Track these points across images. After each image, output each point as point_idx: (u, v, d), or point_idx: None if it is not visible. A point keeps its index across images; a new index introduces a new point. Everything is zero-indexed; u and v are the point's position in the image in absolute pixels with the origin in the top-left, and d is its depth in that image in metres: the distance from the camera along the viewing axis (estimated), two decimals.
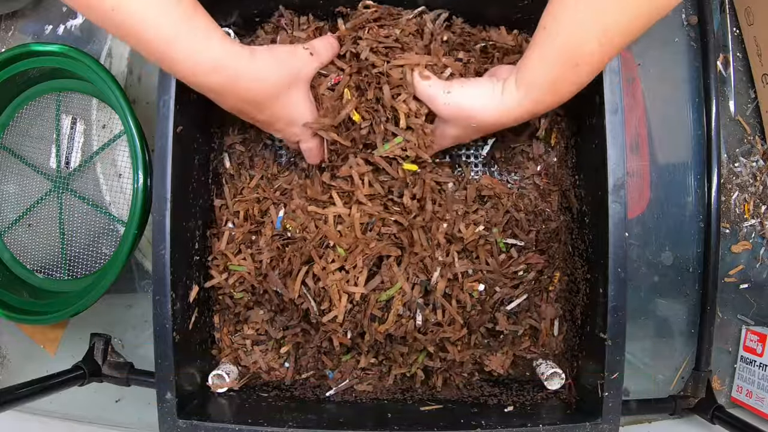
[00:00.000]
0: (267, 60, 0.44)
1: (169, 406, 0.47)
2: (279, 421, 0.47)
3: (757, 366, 0.65)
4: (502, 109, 0.45)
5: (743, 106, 0.68)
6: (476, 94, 0.46)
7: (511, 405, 0.51)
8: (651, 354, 0.68)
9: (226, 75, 0.41)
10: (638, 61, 0.67)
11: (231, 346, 0.56)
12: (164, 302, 0.47)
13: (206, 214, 0.55)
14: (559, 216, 0.56)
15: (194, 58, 0.40)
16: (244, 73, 0.42)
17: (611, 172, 0.46)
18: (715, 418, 0.62)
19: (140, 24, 0.37)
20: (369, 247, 0.49)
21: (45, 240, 0.68)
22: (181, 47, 0.39)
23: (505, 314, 0.55)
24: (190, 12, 0.39)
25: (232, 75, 0.42)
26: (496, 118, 0.45)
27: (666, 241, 0.67)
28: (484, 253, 0.53)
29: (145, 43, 0.39)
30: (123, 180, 0.67)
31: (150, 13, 0.37)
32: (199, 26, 0.40)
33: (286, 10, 0.53)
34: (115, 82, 0.59)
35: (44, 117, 0.68)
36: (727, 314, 0.69)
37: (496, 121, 0.46)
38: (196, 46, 0.40)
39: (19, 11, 0.71)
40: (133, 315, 0.70)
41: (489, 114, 0.45)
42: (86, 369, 0.64)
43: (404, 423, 0.48)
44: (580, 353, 0.53)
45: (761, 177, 0.68)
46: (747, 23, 0.66)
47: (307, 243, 0.50)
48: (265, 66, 0.44)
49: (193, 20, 0.39)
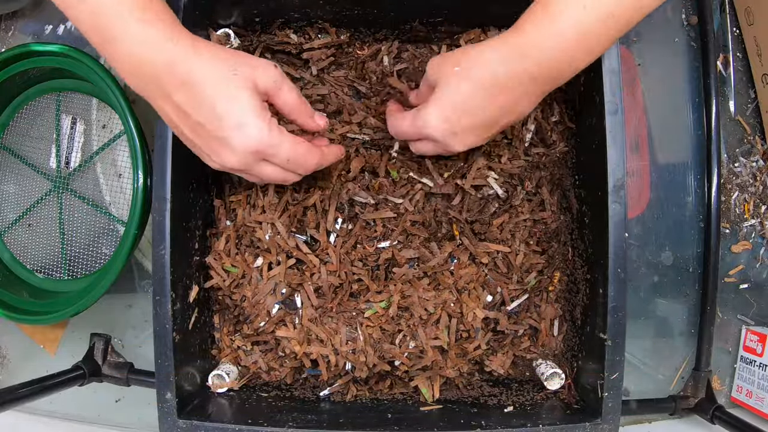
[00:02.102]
0: (204, 47, 0.40)
1: (169, 406, 0.47)
2: (279, 421, 0.47)
3: (757, 366, 0.65)
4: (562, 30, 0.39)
5: (743, 106, 0.68)
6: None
7: (511, 405, 0.51)
8: (651, 354, 0.68)
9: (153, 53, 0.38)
10: (638, 61, 0.67)
11: (231, 346, 0.56)
12: (164, 302, 0.47)
13: (206, 215, 0.55)
14: (559, 216, 0.56)
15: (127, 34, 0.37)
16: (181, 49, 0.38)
17: (611, 172, 0.46)
18: (715, 418, 0.62)
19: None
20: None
21: (45, 240, 0.68)
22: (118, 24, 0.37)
23: (506, 314, 0.55)
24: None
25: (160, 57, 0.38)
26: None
27: (666, 241, 0.67)
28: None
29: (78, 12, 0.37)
30: (123, 180, 0.67)
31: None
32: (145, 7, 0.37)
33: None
34: (115, 82, 0.59)
35: (44, 117, 0.68)
36: (727, 314, 0.69)
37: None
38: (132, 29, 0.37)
39: (19, 11, 0.71)
40: (133, 315, 0.70)
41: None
42: (86, 369, 0.64)
43: (404, 423, 0.48)
44: (580, 353, 0.53)
45: (761, 177, 0.68)
46: (747, 23, 0.66)
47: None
48: (204, 53, 0.39)
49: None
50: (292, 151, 0.43)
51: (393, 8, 0.51)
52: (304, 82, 0.56)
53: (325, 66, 0.56)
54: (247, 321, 0.56)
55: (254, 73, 0.41)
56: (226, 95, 0.39)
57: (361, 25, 0.54)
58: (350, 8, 0.51)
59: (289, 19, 0.53)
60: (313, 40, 0.55)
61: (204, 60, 0.39)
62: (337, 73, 0.56)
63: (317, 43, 0.54)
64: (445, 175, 0.55)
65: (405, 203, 0.55)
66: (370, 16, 0.52)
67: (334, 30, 0.54)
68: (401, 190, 0.55)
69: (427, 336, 0.53)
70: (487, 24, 0.54)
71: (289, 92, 0.43)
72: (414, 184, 0.56)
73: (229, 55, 0.41)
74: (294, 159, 0.43)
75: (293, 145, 0.43)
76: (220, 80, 0.39)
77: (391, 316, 0.53)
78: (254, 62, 0.41)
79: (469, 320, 0.54)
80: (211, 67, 0.39)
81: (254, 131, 0.40)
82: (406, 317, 0.54)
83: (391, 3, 0.51)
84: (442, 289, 0.54)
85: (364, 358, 0.52)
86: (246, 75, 0.40)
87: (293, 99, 0.44)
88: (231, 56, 0.41)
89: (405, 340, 0.53)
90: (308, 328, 0.53)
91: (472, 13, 0.52)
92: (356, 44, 0.56)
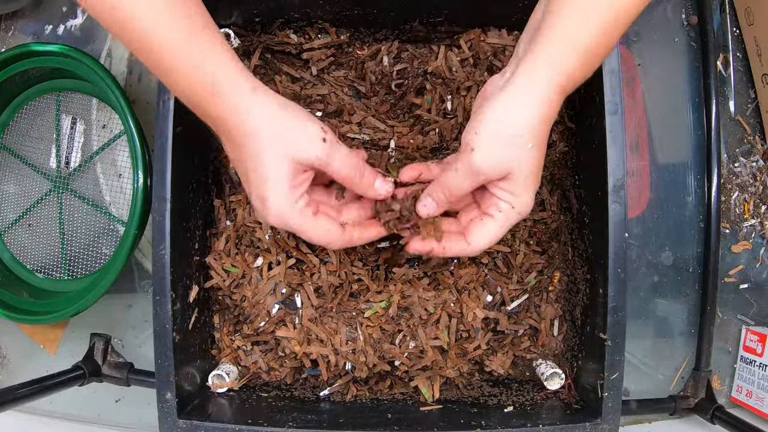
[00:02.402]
0: (265, 105, 0.38)
1: (169, 406, 0.47)
2: (279, 421, 0.47)
3: (757, 366, 0.65)
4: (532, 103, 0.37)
5: (743, 106, 0.68)
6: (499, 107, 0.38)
7: (511, 405, 0.51)
8: (651, 354, 0.68)
9: (214, 97, 0.37)
10: (638, 61, 0.67)
11: (231, 346, 0.56)
12: (164, 302, 0.47)
13: (206, 215, 0.55)
14: (559, 216, 0.56)
15: (189, 75, 0.37)
16: (232, 105, 0.37)
17: (611, 172, 0.46)
18: (715, 418, 0.62)
19: (142, 29, 0.35)
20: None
21: (45, 240, 0.68)
22: (178, 59, 0.36)
23: (506, 314, 0.55)
24: (199, 27, 0.36)
25: (219, 102, 0.37)
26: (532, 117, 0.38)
27: (666, 241, 0.67)
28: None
29: (146, 51, 0.36)
30: (123, 180, 0.67)
31: (153, 18, 0.35)
32: (204, 41, 0.37)
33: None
34: (115, 82, 0.59)
35: (44, 117, 0.68)
36: (727, 314, 0.69)
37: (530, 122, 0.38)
38: (194, 62, 0.36)
39: (19, 11, 0.71)
40: (133, 315, 0.70)
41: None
42: (86, 369, 0.64)
43: (404, 423, 0.48)
44: (580, 353, 0.53)
45: (761, 177, 0.68)
46: (747, 23, 0.66)
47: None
48: (259, 111, 0.38)
49: (200, 35, 0.36)
50: (314, 234, 0.41)
51: (393, 8, 0.51)
52: (304, 82, 0.56)
53: (325, 66, 0.56)
54: (247, 321, 0.56)
55: (296, 147, 0.39)
56: (261, 161, 0.38)
57: (361, 25, 0.54)
58: (350, 8, 0.51)
59: (289, 19, 0.53)
60: (313, 40, 0.55)
61: (258, 113, 0.38)
62: (337, 73, 0.56)
63: (317, 43, 0.54)
64: None
65: None
66: (370, 16, 0.52)
67: (334, 30, 0.54)
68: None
69: (427, 336, 0.53)
70: (487, 24, 0.54)
71: (340, 167, 0.41)
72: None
73: (283, 114, 0.39)
74: (317, 241, 0.42)
75: (314, 230, 0.41)
76: (262, 142, 0.38)
77: (391, 316, 0.53)
78: (299, 133, 0.39)
79: (469, 320, 0.54)
80: (262, 123, 0.38)
81: (273, 210, 0.39)
82: (406, 317, 0.53)
83: (391, 3, 0.50)
84: (442, 289, 0.54)
85: (364, 358, 0.52)
86: (286, 147, 0.38)
87: (345, 173, 0.41)
88: (283, 119, 0.39)
89: (405, 340, 0.53)
90: (308, 328, 0.53)
91: (472, 13, 0.52)
92: (356, 44, 0.56)
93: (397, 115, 0.57)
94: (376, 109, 0.56)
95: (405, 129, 0.56)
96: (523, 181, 0.40)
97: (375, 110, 0.56)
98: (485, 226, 0.42)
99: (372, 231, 0.46)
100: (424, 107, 0.55)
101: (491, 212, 0.42)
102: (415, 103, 0.56)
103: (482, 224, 0.42)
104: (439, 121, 0.55)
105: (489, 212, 0.42)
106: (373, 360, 0.52)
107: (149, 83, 0.69)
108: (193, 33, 0.36)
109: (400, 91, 0.56)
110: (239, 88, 0.38)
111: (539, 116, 0.38)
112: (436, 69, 0.55)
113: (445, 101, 0.55)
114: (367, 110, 0.56)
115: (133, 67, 0.69)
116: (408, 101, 0.56)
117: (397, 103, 0.57)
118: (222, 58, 0.38)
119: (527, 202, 0.41)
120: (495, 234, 0.42)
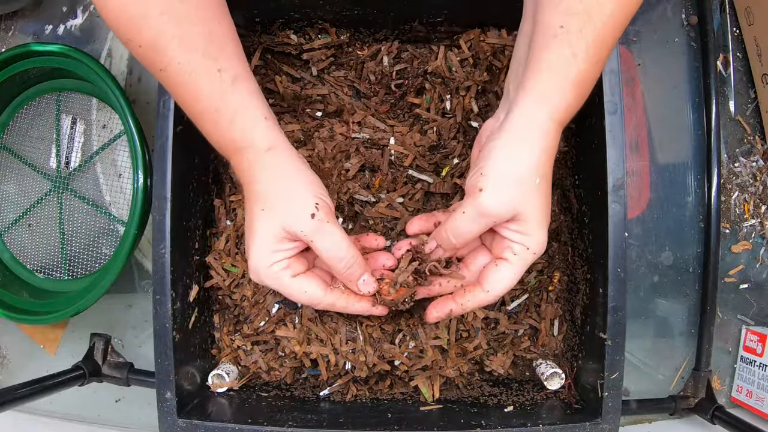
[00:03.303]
0: (272, 169, 0.40)
1: (169, 406, 0.47)
2: (279, 421, 0.47)
3: (757, 366, 0.65)
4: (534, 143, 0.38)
5: (743, 106, 0.68)
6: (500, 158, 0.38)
7: (511, 405, 0.51)
8: (651, 354, 0.68)
9: (239, 154, 0.41)
10: (638, 61, 0.67)
11: (231, 345, 0.56)
12: (164, 302, 0.47)
13: (206, 214, 0.55)
14: (559, 216, 0.56)
15: (219, 131, 0.40)
16: (247, 161, 0.40)
17: (611, 172, 0.46)
18: (715, 418, 0.62)
19: (183, 84, 0.38)
20: None
21: (45, 240, 0.68)
22: (212, 118, 0.40)
23: (506, 314, 0.55)
24: (227, 84, 0.39)
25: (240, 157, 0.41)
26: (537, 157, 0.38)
27: (666, 241, 0.67)
28: None
29: (190, 105, 0.40)
30: (123, 180, 0.67)
31: (193, 76, 0.38)
32: (231, 102, 0.39)
33: None
34: (115, 82, 0.59)
35: (44, 117, 0.68)
36: (727, 314, 0.69)
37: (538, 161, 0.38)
38: (223, 124, 0.40)
39: (19, 11, 0.71)
40: (133, 315, 0.70)
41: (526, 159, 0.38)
42: (86, 369, 0.64)
43: (404, 423, 0.48)
44: (580, 353, 0.53)
45: (761, 177, 0.68)
46: (747, 23, 0.66)
47: None
48: (265, 176, 0.40)
49: (230, 94, 0.39)
50: (289, 295, 0.42)
51: (393, 8, 0.51)
52: (304, 82, 0.56)
53: (325, 66, 0.56)
54: (247, 321, 0.56)
55: (286, 216, 0.40)
56: (256, 217, 0.40)
57: (361, 26, 0.54)
58: (350, 8, 0.51)
59: (289, 20, 0.53)
60: (313, 40, 0.55)
61: (264, 177, 0.40)
62: (337, 73, 0.56)
63: (317, 43, 0.54)
64: (443, 174, 0.55)
65: (405, 202, 0.55)
66: (370, 16, 0.52)
67: (334, 30, 0.54)
68: (402, 189, 0.55)
69: (426, 336, 0.53)
70: (487, 24, 0.54)
71: (326, 248, 0.41)
72: (414, 183, 0.56)
73: (283, 180, 0.40)
74: (295, 300, 0.44)
75: (289, 292, 0.42)
76: (260, 203, 0.40)
77: (390, 316, 0.53)
78: (289, 204, 0.40)
79: (469, 320, 0.54)
80: (264, 188, 0.40)
81: (251, 264, 0.41)
82: (405, 317, 0.53)
83: (391, 3, 0.51)
84: None
85: (363, 358, 0.52)
86: (276, 214, 0.40)
87: (328, 256, 0.41)
88: (281, 187, 0.40)
89: (405, 340, 0.53)
90: (308, 328, 0.53)
91: (472, 13, 0.53)
92: (356, 44, 0.56)
93: (396, 115, 0.57)
94: (375, 109, 0.56)
95: (404, 128, 0.56)
96: (534, 219, 0.39)
97: (375, 110, 0.56)
98: (501, 272, 0.41)
99: (357, 306, 0.45)
100: (423, 106, 0.56)
101: (505, 256, 0.41)
102: (414, 102, 0.56)
103: (497, 270, 0.41)
104: (437, 120, 0.55)
105: (503, 256, 0.41)
106: (373, 360, 0.52)
107: (149, 83, 0.69)
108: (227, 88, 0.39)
109: (400, 91, 0.56)
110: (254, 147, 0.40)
111: (543, 150, 0.38)
112: (435, 69, 0.55)
113: (444, 101, 0.56)
114: (367, 110, 0.56)
115: (133, 67, 0.69)
116: (408, 101, 0.56)
117: (397, 103, 0.57)
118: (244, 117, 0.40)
119: (542, 240, 0.40)
120: (513, 278, 0.41)
